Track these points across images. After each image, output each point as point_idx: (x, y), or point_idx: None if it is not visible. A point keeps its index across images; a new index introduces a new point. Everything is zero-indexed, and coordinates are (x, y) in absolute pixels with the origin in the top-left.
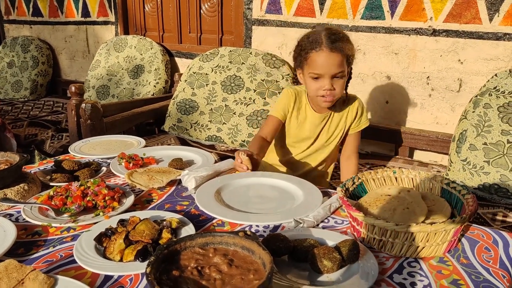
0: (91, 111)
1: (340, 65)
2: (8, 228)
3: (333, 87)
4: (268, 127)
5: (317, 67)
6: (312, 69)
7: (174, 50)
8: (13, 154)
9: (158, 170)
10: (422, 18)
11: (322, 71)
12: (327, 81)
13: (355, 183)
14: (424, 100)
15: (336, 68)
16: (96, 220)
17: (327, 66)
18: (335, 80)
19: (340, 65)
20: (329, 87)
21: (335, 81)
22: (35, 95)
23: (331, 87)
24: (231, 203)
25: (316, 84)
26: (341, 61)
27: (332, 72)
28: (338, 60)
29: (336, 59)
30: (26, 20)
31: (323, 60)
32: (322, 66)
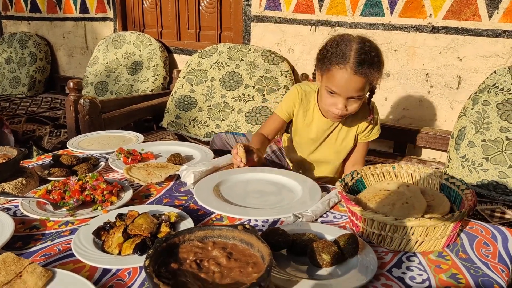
0: (89, 107)
1: (360, 90)
2: (6, 221)
3: (346, 108)
4: (270, 126)
5: (335, 84)
6: (330, 84)
7: (172, 47)
8: (11, 148)
9: (156, 165)
10: (421, 15)
11: (339, 90)
12: (341, 101)
13: (354, 178)
14: (423, 97)
15: (354, 91)
16: (94, 214)
17: (345, 88)
18: (351, 100)
19: (360, 89)
20: (341, 108)
21: (350, 101)
22: (33, 91)
23: (344, 108)
24: (230, 198)
25: (330, 99)
26: (363, 85)
27: (349, 95)
28: (360, 85)
29: (358, 84)
30: (24, 16)
31: (344, 81)
32: (340, 86)
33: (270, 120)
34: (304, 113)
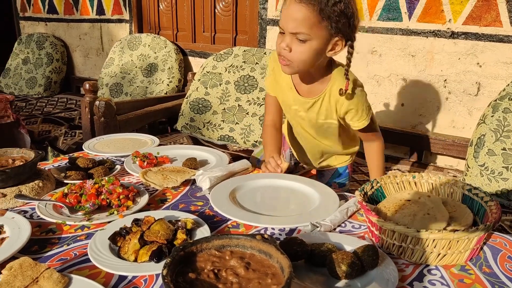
0: (104, 109)
1: (302, 23)
2: (23, 225)
3: (289, 48)
4: (269, 109)
5: (281, 17)
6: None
7: (187, 49)
8: (28, 150)
9: (172, 169)
10: (440, 20)
11: (282, 24)
12: (285, 38)
13: (374, 187)
14: (440, 103)
15: (295, 25)
16: (110, 219)
17: (286, 19)
18: (296, 42)
19: (303, 23)
20: (284, 45)
21: (295, 42)
22: (49, 91)
23: (286, 46)
24: (246, 205)
25: (279, 38)
26: (306, 18)
27: (289, 28)
28: (301, 16)
29: (299, 14)
30: (42, 17)
31: (286, 11)
32: (283, 17)
33: (266, 103)
34: (278, 80)
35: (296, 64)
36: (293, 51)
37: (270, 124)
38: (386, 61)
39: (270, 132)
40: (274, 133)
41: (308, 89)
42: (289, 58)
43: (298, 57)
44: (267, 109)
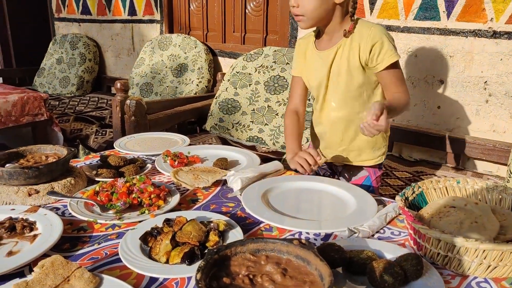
0: (135, 108)
1: None
2: (55, 222)
3: (297, 3)
4: (294, 93)
5: None
6: None
7: (217, 49)
8: (61, 147)
9: (203, 169)
10: (481, 19)
11: None
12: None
13: (415, 192)
14: (480, 106)
15: None
16: (141, 219)
17: None
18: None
19: None
20: (292, 3)
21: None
22: (81, 91)
23: (294, 2)
24: (278, 207)
25: (289, 2)
26: None
27: None
28: None
29: None
30: (76, 18)
31: None
32: None
33: (292, 87)
34: (305, 58)
35: (308, 15)
36: (301, 4)
37: (293, 110)
38: (422, 61)
39: (291, 119)
40: (295, 120)
41: (329, 43)
42: (300, 12)
43: (308, 7)
44: (291, 94)
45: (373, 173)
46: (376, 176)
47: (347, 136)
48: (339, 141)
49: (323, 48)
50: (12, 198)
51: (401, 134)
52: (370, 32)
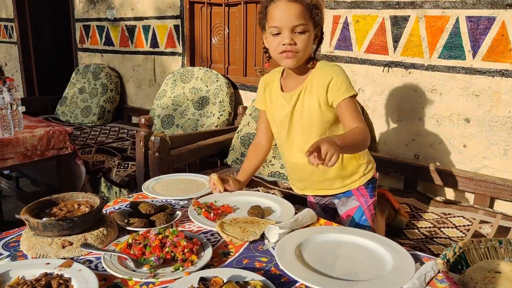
0: (160, 144)
1: (300, 17)
2: (90, 279)
3: (293, 41)
4: (260, 126)
5: (275, 19)
6: (271, 23)
7: (238, 83)
8: (93, 195)
9: (245, 220)
10: (508, 59)
11: (280, 23)
12: (286, 34)
13: (456, 254)
14: (508, 146)
15: (295, 19)
16: (176, 276)
17: (284, 17)
18: (296, 35)
19: (300, 16)
20: (288, 41)
21: (296, 36)
22: (102, 120)
23: (291, 40)
24: (313, 263)
25: (276, 40)
26: (301, 12)
27: (290, 24)
28: (297, 11)
29: (295, 10)
30: (98, 49)
31: (281, 12)
32: (280, 18)
33: (258, 120)
34: (269, 96)
35: (301, 53)
36: (298, 42)
37: (256, 142)
38: (447, 100)
39: (250, 152)
40: (253, 153)
41: (293, 85)
42: (295, 50)
43: (302, 47)
44: (257, 127)
45: (364, 202)
46: (368, 205)
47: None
48: (310, 174)
49: (288, 90)
50: (46, 250)
51: (427, 174)
52: (325, 72)
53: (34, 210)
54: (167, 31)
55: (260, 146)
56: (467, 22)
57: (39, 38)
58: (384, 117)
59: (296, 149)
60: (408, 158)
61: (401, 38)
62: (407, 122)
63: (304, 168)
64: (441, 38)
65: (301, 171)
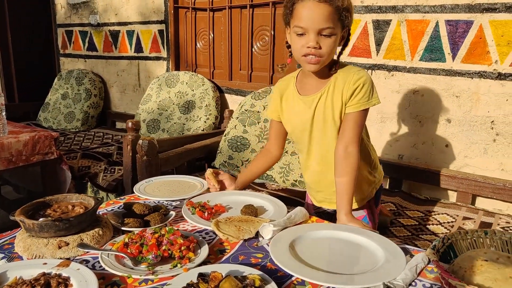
0: (148, 148)
1: (328, 19)
2: (89, 278)
3: (318, 45)
4: (271, 133)
5: (301, 19)
6: (297, 22)
7: (224, 87)
8: (87, 196)
9: (239, 219)
10: (486, 61)
11: (306, 25)
12: (312, 37)
13: (445, 244)
14: (488, 145)
15: (322, 22)
16: (174, 273)
17: (311, 19)
18: (322, 38)
19: (328, 19)
20: (313, 44)
21: (322, 39)
22: (86, 126)
23: (316, 44)
24: (307, 259)
25: (300, 41)
26: (330, 14)
27: (317, 27)
28: (326, 13)
29: (324, 12)
30: (81, 54)
31: (308, 12)
32: (307, 18)
33: (270, 128)
34: (286, 102)
35: (325, 58)
36: (323, 46)
37: (266, 149)
38: (429, 101)
39: (258, 156)
40: (261, 158)
41: (313, 88)
42: (319, 54)
43: (327, 51)
44: (268, 137)
45: (369, 212)
46: (373, 214)
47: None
48: (329, 184)
49: (306, 93)
50: (42, 250)
51: (410, 173)
52: (356, 76)
53: (28, 212)
54: (151, 36)
55: (268, 153)
56: (446, 26)
57: (20, 44)
58: (368, 119)
59: (318, 154)
60: (393, 158)
61: (384, 42)
62: (390, 124)
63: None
64: (422, 41)
65: (319, 178)
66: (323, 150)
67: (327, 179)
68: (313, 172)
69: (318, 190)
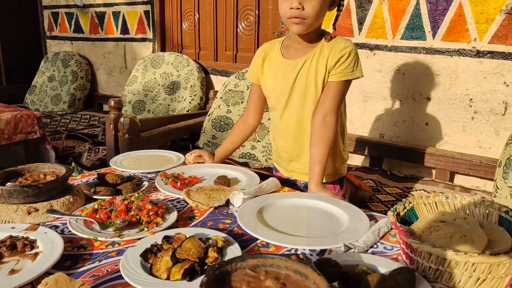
0: (129, 126)
1: None
2: (56, 240)
3: (301, 6)
4: (250, 101)
5: None
6: None
7: (209, 68)
8: (59, 165)
9: (211, 188)
10: (465, 39)
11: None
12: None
13: (406, 208)
14: (466, 123)
15: None
16: (140, 236)
17: None
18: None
19: None
20: (296, 5)
21: (305, 0)
22: (72, 108)
23: (299, 5)
24: (273, 224)
25: (285, 4)
26: None
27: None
28: None
29: None
30: (68, 37)
31: None
32: None
33: (249, 96)
34: (269, 64)
35: (310, 19)
36: (306, 7)
37: (241, 120)
38: (409, 80)
39: (234, 128)
40: (239, 129)
41: (299, 52)
42: (302, 15)
43: (312, 12)
44: (247, 104)
45: (340, 189)
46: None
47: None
48: (301, 153)
49: (291, 57)
50: (12, 216)
51: (391, 151)
52: (343, 44)
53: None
54: (137, 17)
55: (246, 122)
56: (427, 4)
57: (5, 27)
58: (350, 98)
59: (293, 120)
60: (374, 137)
61: (366, 20)
62: (372, 102)
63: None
64: (403, 19)
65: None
66: (298, 116)
67: (300, 147)
68: (286, 138)
69: (289, 159)
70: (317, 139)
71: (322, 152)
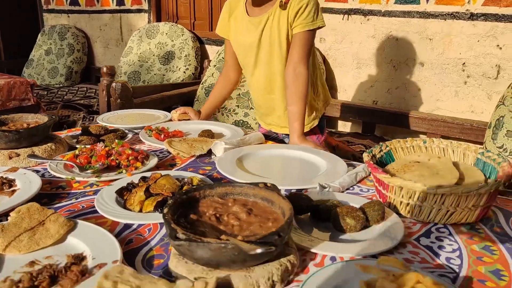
0: (121, 90)
1: None
2: (34, 179)
3: None
4: (226, 56)
5: None
6: None
7: (204, 37)
8: (43, 116)
9: (194, 139)
10: (459, 2)
11: None
12: None
13: (383, 151)
14: (459, 87)
15: None
16: (118, 177)
17: None
18: None
19: None
20: None
21: None
22: (69, 81)
23: None
24: (252, 170)
25: None
26: None
27: None
28: None
29: None
30: (64, 9)
31: None
32: None
33: (225, 52)
34: (235, 20)
35: None
36: None
37: (223, 74)
38: (403, 45)
39: (216, 84)
40: (220, 86)
41: (262, 9)
42: None
43: None
44: (225, 59)
45: (316, 139)
46: (320, 142)
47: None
48: (275, 108)
49: (255, 14)
50: None
51: (384, 117)
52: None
53: None
54: None
55: (226, 77)
56: None
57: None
58: (344, 65)
59: (263, 77)
60: (367, 104)
61: None
62: (365, 69)
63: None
64: None
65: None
66: (267, 73)
67: (271, 103)
68: (258, 95)
69: (266, 113)
70: (292, 96)
71: (299, 109)
